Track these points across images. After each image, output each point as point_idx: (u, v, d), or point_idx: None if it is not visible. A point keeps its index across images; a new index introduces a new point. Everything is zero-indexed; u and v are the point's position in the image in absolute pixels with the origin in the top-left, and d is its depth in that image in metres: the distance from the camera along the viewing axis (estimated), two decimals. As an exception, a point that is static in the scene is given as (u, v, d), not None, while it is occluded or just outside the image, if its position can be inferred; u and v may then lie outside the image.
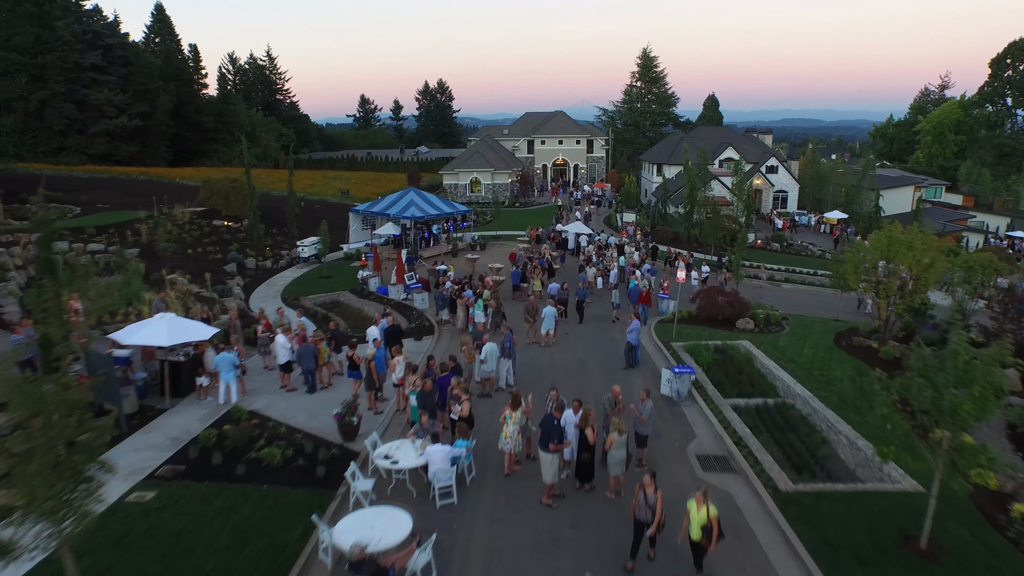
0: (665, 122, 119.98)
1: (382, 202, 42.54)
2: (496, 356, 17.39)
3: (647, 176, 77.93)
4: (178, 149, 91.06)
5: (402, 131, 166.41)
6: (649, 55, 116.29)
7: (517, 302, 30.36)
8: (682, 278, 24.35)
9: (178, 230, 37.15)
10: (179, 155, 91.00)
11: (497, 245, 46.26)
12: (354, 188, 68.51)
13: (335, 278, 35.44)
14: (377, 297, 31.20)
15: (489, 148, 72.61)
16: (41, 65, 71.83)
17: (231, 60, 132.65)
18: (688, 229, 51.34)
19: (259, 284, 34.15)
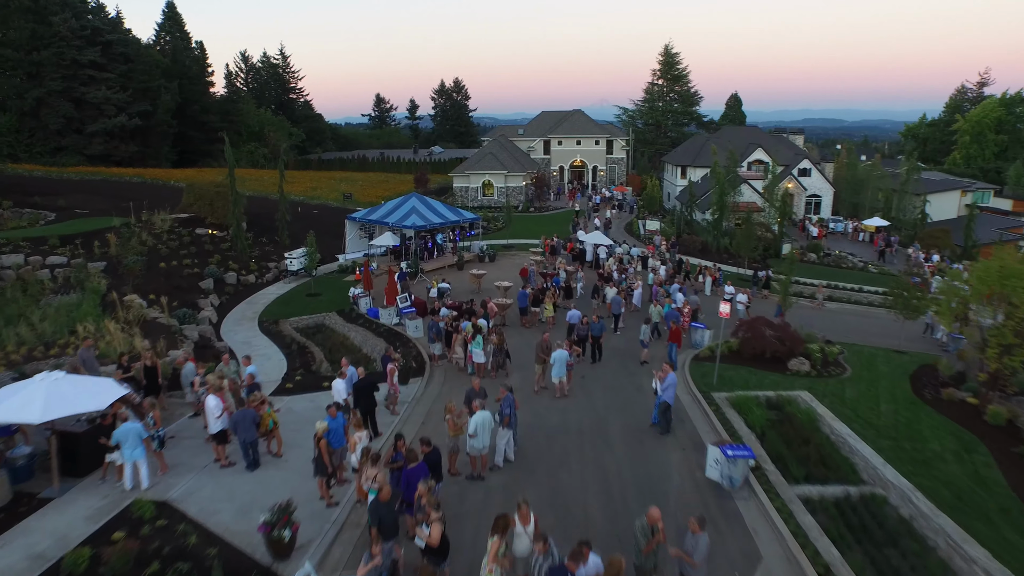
0: (688, 122, 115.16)
1: (381, 208, 38.67)
2: (490, 428, 13.33)
3: (670, 179, 73.43)
4: (183, 149, 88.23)
5: (418, 131, 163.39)
6: (671, 52, 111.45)
7: (527, 328, 26.30)
8: (725, 312, 19.91)
9: (153, 240, 33.56)
10: (184, 155, 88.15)
11: (508, 256, 42.18)
12: (360, 191, 64.86)
13: (324, 296, 31.65)
14: (367, 321, 27.29)
15: (503, 149, 68.58)
16: (37, 62, 69.10)
17: (243, 58, 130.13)
18: (717, 238, 46.87)
19: (238, 303, 30.42)
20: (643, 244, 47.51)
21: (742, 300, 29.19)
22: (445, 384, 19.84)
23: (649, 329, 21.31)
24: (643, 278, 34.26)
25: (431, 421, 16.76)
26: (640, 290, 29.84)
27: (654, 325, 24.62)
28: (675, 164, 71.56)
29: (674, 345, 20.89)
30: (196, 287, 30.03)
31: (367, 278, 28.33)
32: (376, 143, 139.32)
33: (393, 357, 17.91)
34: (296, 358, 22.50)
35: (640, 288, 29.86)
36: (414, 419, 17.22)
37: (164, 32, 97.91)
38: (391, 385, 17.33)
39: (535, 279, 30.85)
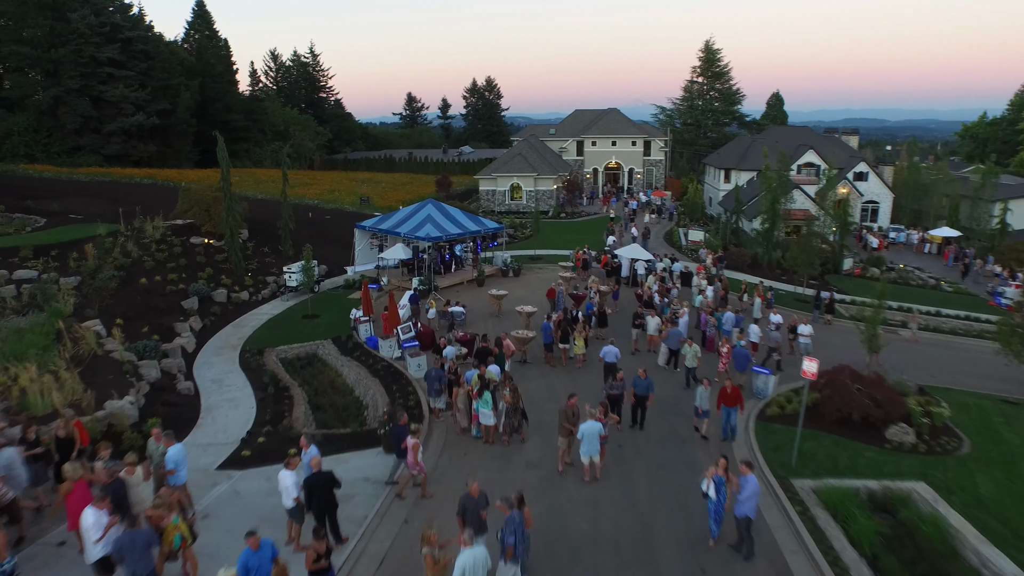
0: (729, 121, 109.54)
1: (393, 216, 34.82)
2: (486, 568, 9.15)
3: (712, 183, 68.34)
4: (205, 149, 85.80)
5: (449, 130, 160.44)
6: (712, 48, 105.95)
7: (551, 367, 22.06)
8: (812, 372, 14.74)
9: (139, 251, 30.18)
10: (207, 155, 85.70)
11: (535, 270, 37.95)
12: (381, 193, 61.30)
13: (322, 318, 27.89)
14: (364, 353, 23.38)
15: (533, 150, 64.37)
16: (55, 60, 67.10)
17: (273, 57, 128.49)
18: (769, 251, 41.96)
19: (224, 325, 26.86)
20: (685, 255, 42.85)
21: (806, 333, 24.41)
22: (443, 454, 15.66)
23: (707, 394, 16.29)
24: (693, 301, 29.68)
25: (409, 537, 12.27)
26: (686, 318, 25.34)
27: (689, 372, 20.10)
28: (718, 167, 66.45)
29: (733, 411, 16.27)
30: (178, 307, 26.50)
31: (367, 300, 24.44)
32: (406, 143, 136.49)
33: (412, 429, 13.56)
34: (270, 406, 18.64)
35: (686, 316, 25.36)
36: (388, 527, 12.88)
37: (193, 31, 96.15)
38: (415, 465, 13.28)
39: (564, 301, 26.57)
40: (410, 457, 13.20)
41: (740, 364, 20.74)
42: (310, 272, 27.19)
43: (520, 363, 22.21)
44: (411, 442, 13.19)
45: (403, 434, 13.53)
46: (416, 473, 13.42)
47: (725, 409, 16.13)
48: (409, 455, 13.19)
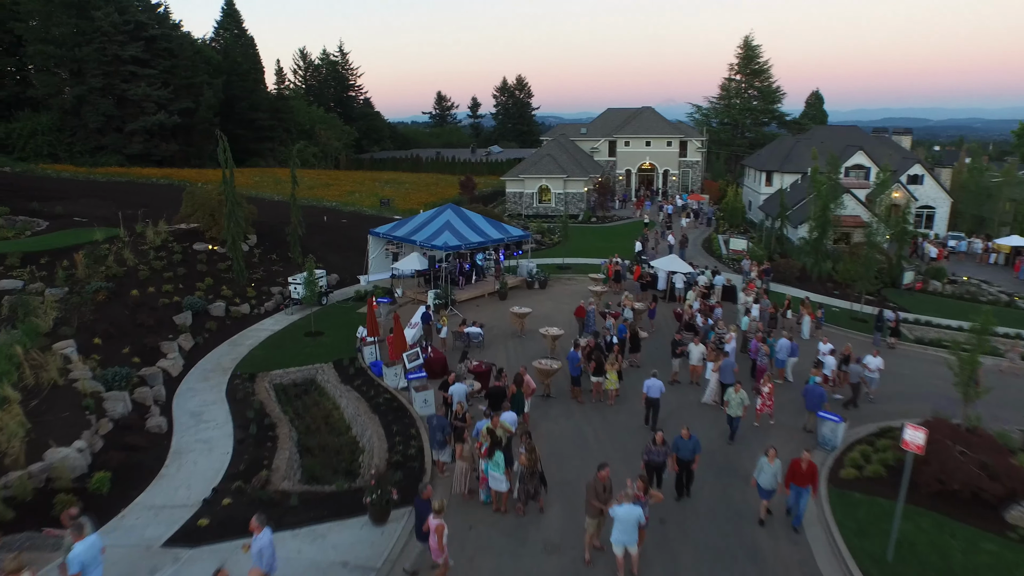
0: (768, 121, 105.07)
1: (410, 222, 32.20)
2: None
3: (752, 186, 64.47)
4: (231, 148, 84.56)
5: (479, 129, 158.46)
6: (751, 44, 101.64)
7: (579, 403, 19.10)
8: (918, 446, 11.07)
9: (136, 259, 28.00)
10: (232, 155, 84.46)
11: (563, 282, 34.99)
12: (404, 195, 58.83)
13: (326, 336, 25.33)
14: (367, 380, 20.73)
15: (563, 150, 61.31)
16: (79, 59, 66.19)
17: (302, 55, 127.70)
18: (819, 263, 38.31)
19: (219, 343, 24.44)
20: (726, 266, 39.42)
21: (875, 366, 20.95)
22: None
23: (773, 470, 12.65)
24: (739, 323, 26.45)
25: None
26: (733, 343, 22.16)
27: (733, 423, 16.79)
28: (759, 169, 62.58)
29: (804, 493, 12.70)
30: (168, 323, 24.15)
31: (371, 320, 21.77)
32: (435, 142, 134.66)
33: (436, 508, 10.67)
34: (249, 449, 16.02)
35: (733, 341, 22.17)
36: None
37: (222, 29, 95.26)
38: (439, 552, 10.54)
39: (595, 322, 23.54)
40: (433, 542, 10.42)
41: (812, 403, 17.58)
42: (313, 285, 24.65)
43: (543, 397, 19.31)
44: (434, 523, 10.40)
45: (425, 511, 10.77)
46: (440, 563, 10.59)
47: (795, 489, 12.68)
48: (432, 539, 10.41)
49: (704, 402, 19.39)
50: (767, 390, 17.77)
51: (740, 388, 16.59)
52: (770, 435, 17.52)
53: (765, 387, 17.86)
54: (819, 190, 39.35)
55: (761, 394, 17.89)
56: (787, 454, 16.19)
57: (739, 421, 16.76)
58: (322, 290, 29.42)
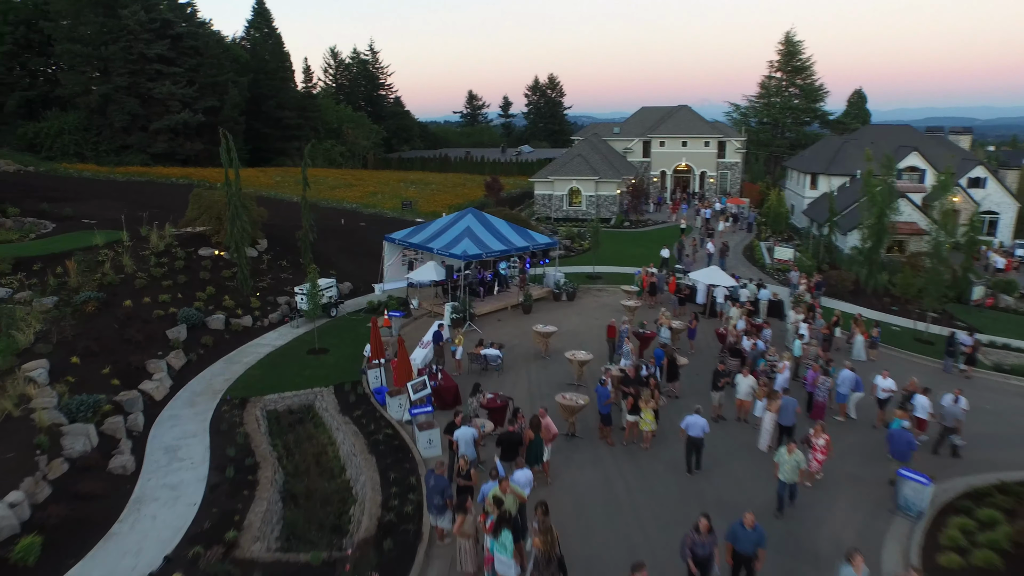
0: (810, 120, 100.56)
1: (428, 228, 29.91)
2: None
3: (795, 189, 60.81)
4: (256, 147, 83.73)
5: (510, 129, 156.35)
6: (792, 40, 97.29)
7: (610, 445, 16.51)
8: None
9: (135, 266, 26.18)
10: (257, 153, 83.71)
11: (592, 293, 32.36)
12: (429, 197, 56.63)
13: (331, 353, 23.15)
14: (369, 410, 18.44)
15: (595, 150, 58.50)
16: (105, 57, 65.57)
17: (333, 54, 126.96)
18: (873, 275, 34.96)
19: (214, 360, 22.41)
20: (770, 277, 36.32)
21: (959, 408, 17.75)
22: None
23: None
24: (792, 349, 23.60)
25: None
26: (787, 373, 19.31)
27: (786, 491, 13.75)
28: (802, 171, 58.91)
29: None
30: (160, 338, 22.20)
31: (375, 340, 19.47)
32: (465, 141, 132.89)
33: None
34: (223, 498, 13.80)
35: (787, 371, 19.32)
36: None
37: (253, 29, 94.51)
38: None
39: (626, 347, 20.91)
40: None
41: (899, 452, 14.73)
42: (316, 298, 22.44)
43: (567, 437, 16.75)
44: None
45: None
46: None
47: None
48: None
49: (760, 448, 16.61)
50: (822, 443, 14.79)
51: (795, 448, 13.56)
52: (833, 491, 14.71)
53: (819, 439, 14.83)
54: (873, 195, 36.03)
55: (814, 448, 14.87)
56: (861, 520, 13.40)
57: (794, 489, 13.80)
58: (331, 301, 27.29)
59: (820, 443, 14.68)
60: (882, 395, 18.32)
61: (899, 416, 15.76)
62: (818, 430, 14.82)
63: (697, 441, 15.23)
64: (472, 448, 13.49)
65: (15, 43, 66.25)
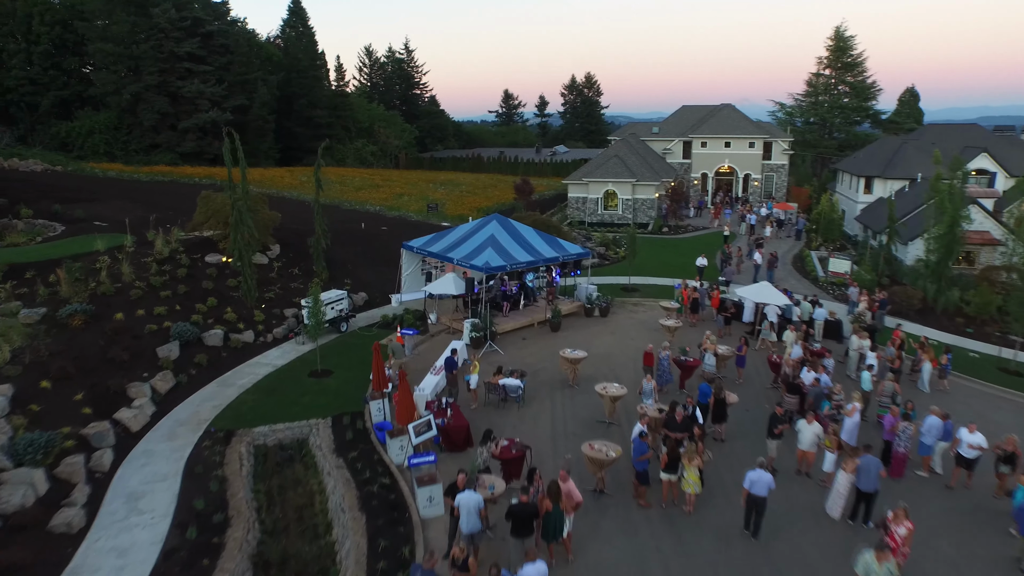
0: (860, 120, 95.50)
1: (449, 235, 27.57)
2: None
3: (847, 193, 56.79)
4: (287, 146, 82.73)
5: (546, 128, 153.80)
6: (843, 35, 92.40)
7: (644, 507, 13.81)
8: None
9: (134, 274, 24.36)
10: (288, 153, 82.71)
11: (628, 308, 29.57)
12: (457, 199, 54.37)
13: (336, 374, 20.94)
14: (366, 451, 16.10)
15: (632, 151, 55.52)
16: (136, 56, 65.00)
17: (367, 53, 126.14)
18: (942, 291, 31.45)
19: (207, 383, 20.36)
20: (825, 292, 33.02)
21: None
22: None
23: None
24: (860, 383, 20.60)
25: None
26: (857, 417, 16.32)
27: None
28: (856, 174, 54.91)
29: None
30: (150, 356, 20.26)
31: (377, 368, 17.13)
32: (500, 141, 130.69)
33: None
34: (179, 567, 11.52)
35: (857, 414, 16.33)
36: None
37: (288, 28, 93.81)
38: None
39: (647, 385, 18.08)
40: None
41: None
42: (319, 315, 20.21)
43: (594, 494, 14.10)
44: None
45: None
46: None
47: None
48: None
49: (831, 515, 13.72)
50: (904, 532, 11.68)
51: (886, 556, 10.39)
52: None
53: (900, 526, 11.72)
54: (943, 201, 32.49)
55: (892, 536, 11.54)
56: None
57: None
58: (341, 315, 25.10)
59: (901, 532, 11.63)
60: (969, 453, 15.19)
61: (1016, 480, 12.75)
62: (899, 515, 11.71)
63: (760, 501, 12.57)
64: (475, 519, 10.98)
65: (51, 43, 66.18)
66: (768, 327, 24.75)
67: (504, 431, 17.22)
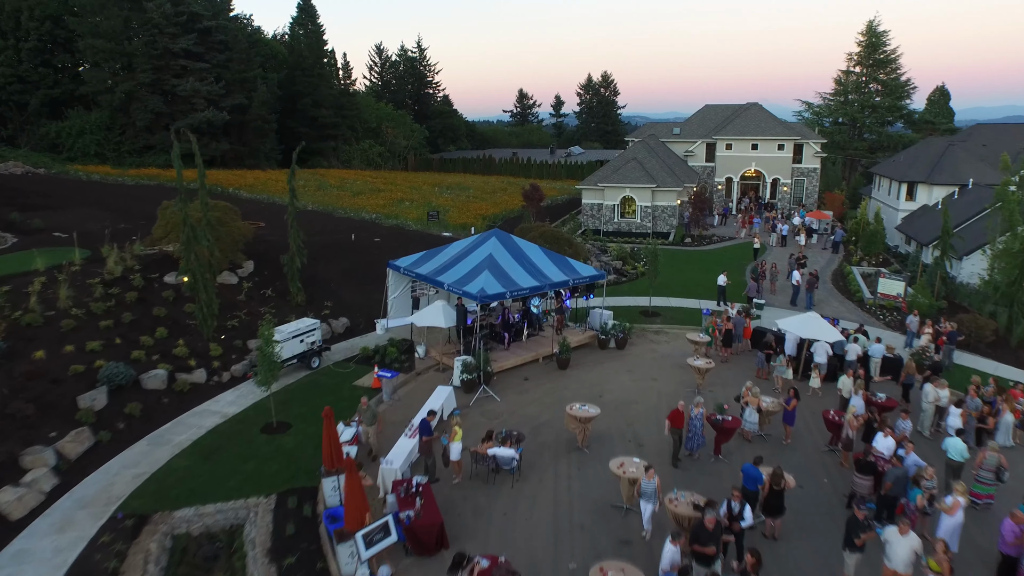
0: (893, 119, 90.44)
1: (441, 254, 23.80)
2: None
3: (885, 199, 52.24)
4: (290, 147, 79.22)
5: (562, 128, 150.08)
6: (875, 30, 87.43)
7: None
8: None
9: (71, 299, 20.83)
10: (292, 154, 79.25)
11: (647, 339, 25.60)
12: (462, 205, 50.57)
13: (295, 427, 17.25)
14: (314, 548, 12.34)
15: (651, 153, 51.41)
16: (129, 53, 61.98)
17: (378, 51, 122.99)
18: (1017, 320, 27.09)
19: (135, 440, 16.77)
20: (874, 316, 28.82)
21: None
22: None
23: None
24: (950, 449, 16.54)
25: None
26: (960, 516, 12.24)
27: None
28: (896, 179, 50.36)
29: None
30: (67, 407, 16.67)
31: (328, 440, 13.43)
32: (515, 142, 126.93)
33: None
34: None
35: (960, 511, 12.25)
36: None
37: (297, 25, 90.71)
38: None
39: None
40: None
41: None
42: (270, 360, 16.43)
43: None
44: None
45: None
46: None
47: None
48: None
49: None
50: None
51: None
52: None
53: None
54: (1012, 211, 28.25)
55: None
56: None
57: None
58: (313, 348, 21.43)
59: None
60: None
61: None
62: None
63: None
64: None
65: (40, 39, 63.34)
66: (785, 362, 20.84)
67: (492, 519, 13.43)
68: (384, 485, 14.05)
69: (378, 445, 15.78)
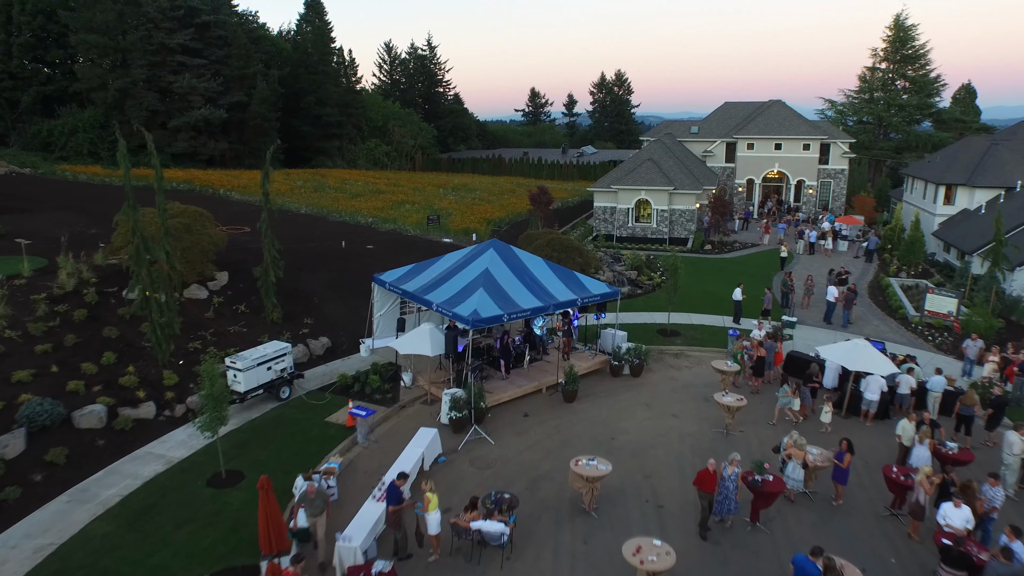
0: (921, 118, 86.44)
1: (431, 268, 20.95)
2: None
3: (920, 203, 48.71)
4: (294, 146, 77.03)
5: (574, 128, 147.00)
6: (903, 25, 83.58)
7: None
8: None
9: (5, 320, 18.20)
10: (295, 153, 77.03)
11: (667, 363, 22.56)
12: (466, 208, 47.66)
13: (247, 482, 14.42)
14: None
15: (668, 154, 48.23)
16: (123, 48, 59.71)
17: (387, 49, 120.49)
18: (1087, 341, 23.71)
19: (57, 494, 14.02)
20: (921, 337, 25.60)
21: None
22: None
23: None
24: None
25: None
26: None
27: None
28: (932, 181, 46.84)
29: None
30: (-25, 456, 13.92)
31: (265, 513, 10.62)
32: (526, 141, 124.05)
33: None
34: None
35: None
36: None
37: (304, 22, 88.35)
38: None
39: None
40: None
41: None
42: (215, 401, 13.63)
43: None
44: None
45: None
46: None
47: None
48: None
49: None
50: None
51: None
52: None
53: None
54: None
55: None
56: None
57: None
58: (283, 375, 18.64)
59: None
60: None
61: None
62: None
63: None
64: None
65: (33, 34, 61.28)
66: (791, 392, 17.88)
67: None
68: (341, 568, 11.20)
69: (326, 544, 11.94)
